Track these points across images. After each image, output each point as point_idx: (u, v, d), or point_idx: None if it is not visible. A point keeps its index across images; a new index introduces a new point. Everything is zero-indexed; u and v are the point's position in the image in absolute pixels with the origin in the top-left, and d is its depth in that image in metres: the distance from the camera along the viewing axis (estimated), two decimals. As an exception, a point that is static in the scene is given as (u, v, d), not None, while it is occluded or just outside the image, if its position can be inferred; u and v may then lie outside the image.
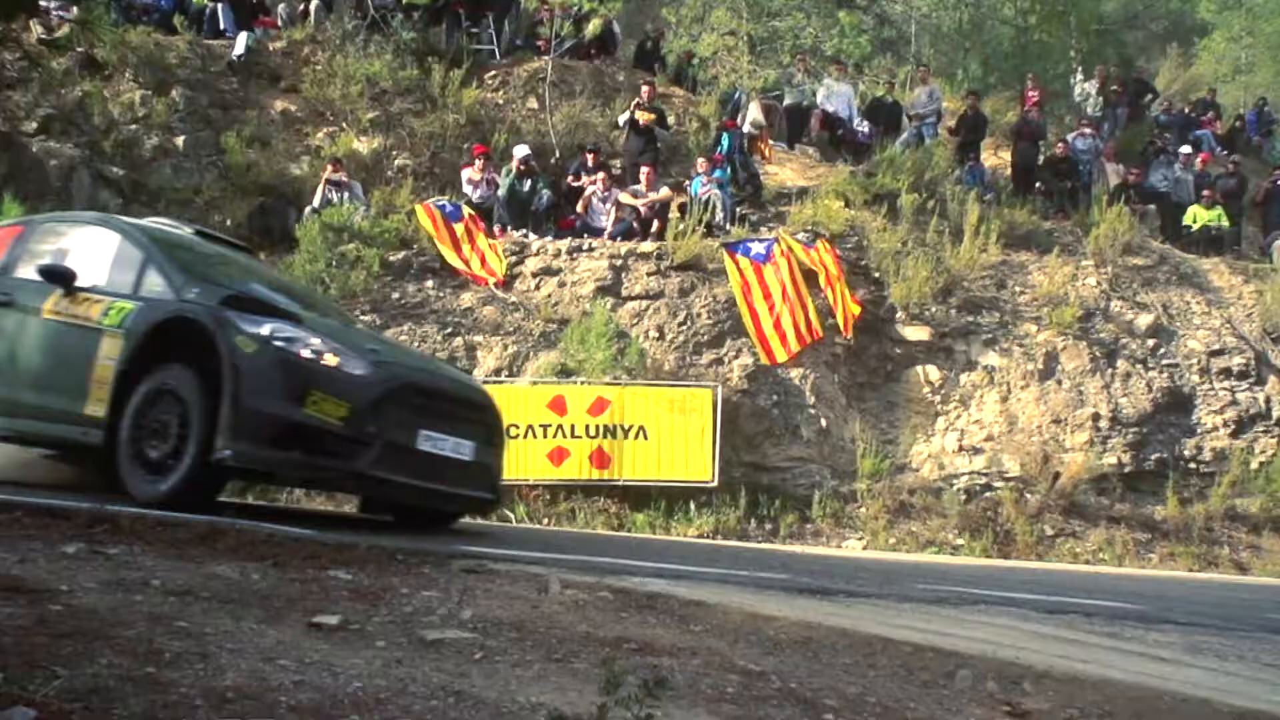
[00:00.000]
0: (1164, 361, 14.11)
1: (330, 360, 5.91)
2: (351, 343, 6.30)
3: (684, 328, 12.87)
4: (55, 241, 7.36)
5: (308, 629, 3.45)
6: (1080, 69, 21.71)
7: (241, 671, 2.81)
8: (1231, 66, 26.21)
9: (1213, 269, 15.78)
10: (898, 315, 13.71)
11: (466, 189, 14.11)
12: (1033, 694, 4.01)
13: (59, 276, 6.72)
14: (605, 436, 11.74)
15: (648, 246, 13.51)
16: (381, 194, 13.85)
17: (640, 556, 6.23)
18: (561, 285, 13.06)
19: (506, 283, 13.03)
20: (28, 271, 7.02)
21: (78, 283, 6.66)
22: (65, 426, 6.38)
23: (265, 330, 5.85)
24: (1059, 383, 13.61)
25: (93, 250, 7.03)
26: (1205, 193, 16.81)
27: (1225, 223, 16.64)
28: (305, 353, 5.87)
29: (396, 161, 14.78)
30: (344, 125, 14.98)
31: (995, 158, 17.90)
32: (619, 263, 13.23)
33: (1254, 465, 13.43)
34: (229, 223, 13.02)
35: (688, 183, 14.74)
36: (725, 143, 15.27)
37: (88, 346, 6.34)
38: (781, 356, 12.75)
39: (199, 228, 8.35)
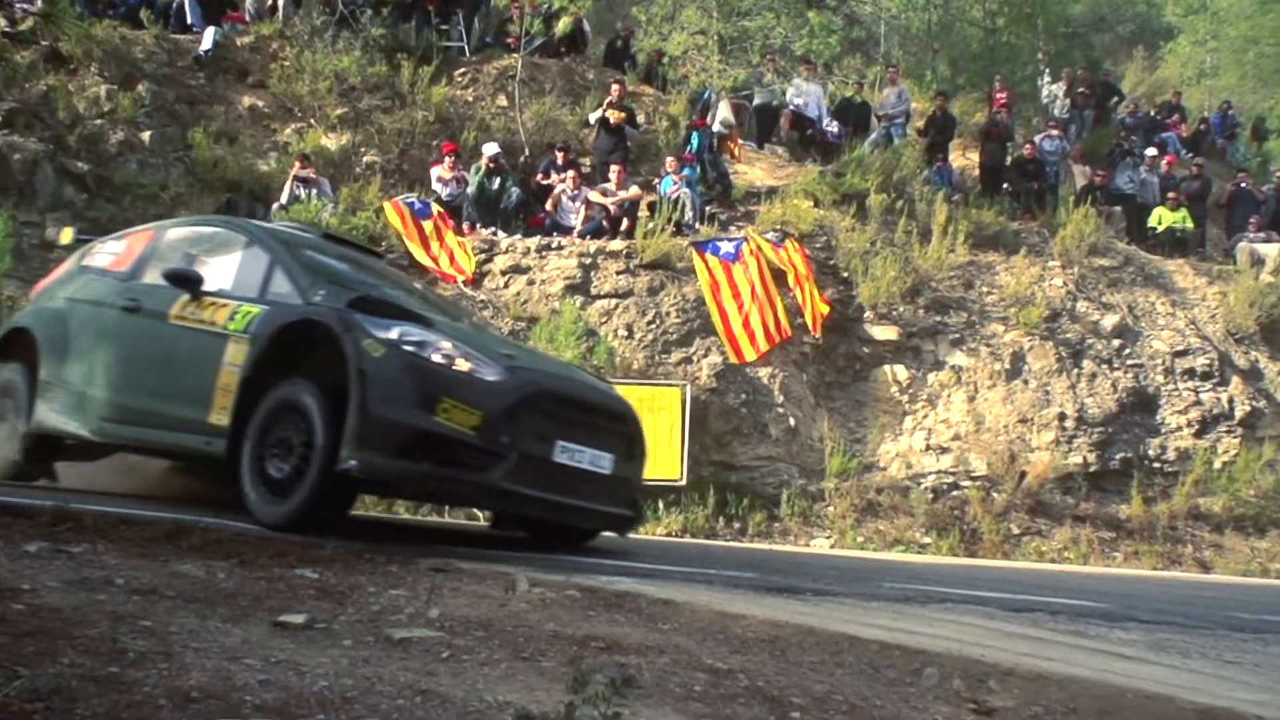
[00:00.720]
0: (1129, 362, 14.22)
1: (462, 365, 5.60)
2: (484, 347, 5.96)
3: (653, 326, 12.87)
4: (183, 246, 7.24)
5: (274, 628, 3.43)
6: (1048, 71, 21.85)
7: (206, 671, 2.79)
8: (1197, 70, 26.42)
9: (1177, 270, 15.93)
10: (866, 315, 13.76)
11: (436, 186, 14.07)
12: (998, 691, 4.04)
13: (185, 281, 6.55)
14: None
15: (617, 245, 13.51)
16: (350, 191, 13.79)
17: (609, 555, 6.23)
18: (530, 283, 13.04)
19: (475, 280, 12.99)
20: (156, 277, 6.89)
21: (204, 287, 6.49)
22: (189, 436, 6.18)
23: (394, 334, 5.57)
24: (1025, 382, 13.70)
25: (220, 254, 6.90)
26: (1170, 195, 16.98)
27: (1190, 225, 16.80)
28: (436, 357, 5.56)
29: (365, 158, 14.71)
30: (312, 121, 14.91)
31: (963, 158, 18.00)
32: (588, 261, 13.22)
33: (1217, 465, 13.56)
34: (195, 219, 12.93)
35: (657, 181, 14.74)
36: (695, 142, 15.30)
37: (213, 352, 6.15)
38: (750, 355, 12.77)
39: (326, 229, 8.27)
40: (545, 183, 14.46)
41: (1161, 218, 16.74)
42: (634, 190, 14.29)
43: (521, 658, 3.45)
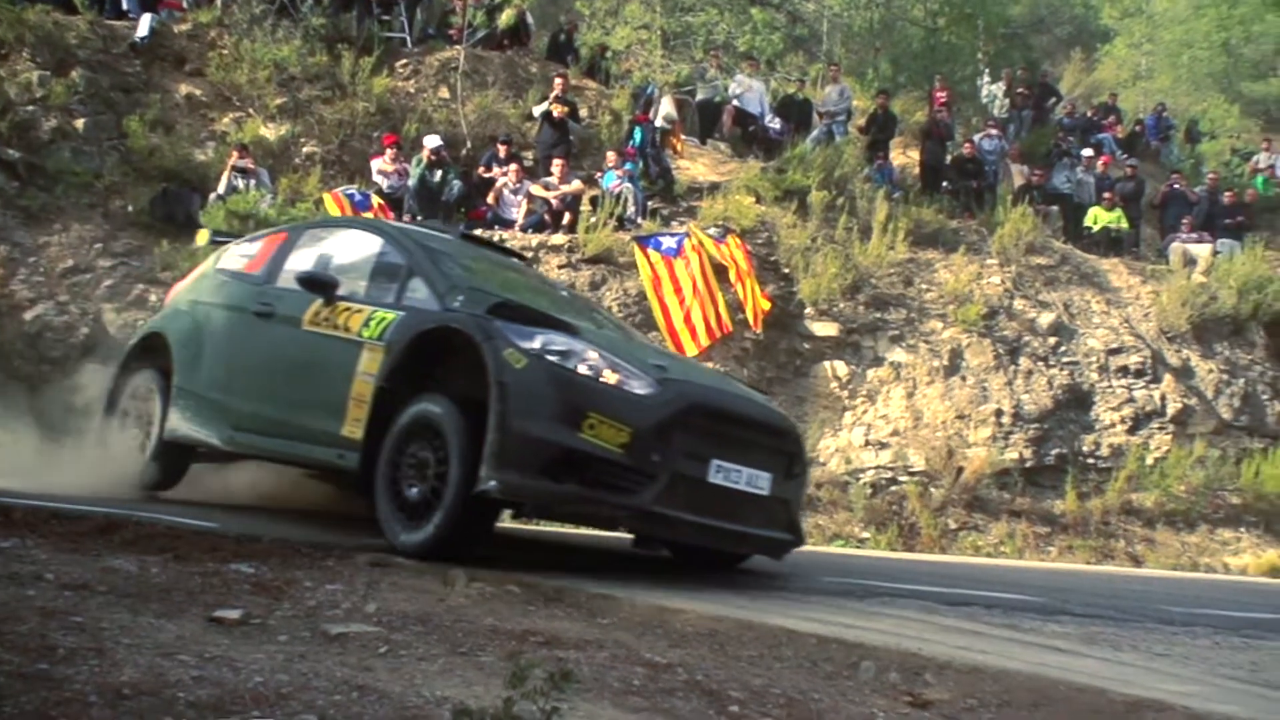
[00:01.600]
0: (1064, 359, 14.42)
1: (609, 378, 5.24)
2: (633, 358, 5.56)
3: (595, 321, 12.85)
4: (318, 248, 7.00)
5: (208, 624, 3.39)
6: (987, 71, 22.10)
7: (139, 667, 2.75)
8: (1132, 72, 26.85)
9: (1112, 269, 16.17)
10: (807, 311, 13.84)
11: (377, 178, 13.96)
12: (934, 685, 4.08)
13: (319, 285, 6.30)
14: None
15: (559, 239, 13.49)
16: (289, 181, 13.65)
17: (549, 550, 6.22)
18: (472, 277, 12.96)
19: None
20: (290, 280, 6.65)
21: (338, 291, 6.23)
22: (321, 449, 5.95)
23: (536, 343, 5.23)
24: (963, 379, 13.85)
25: (355, 256, 6.68)
26: (1106, 195, 17.24)
27: (1124, 225, 17.06)
28: (581, 369, 5.23)
29: (305, 149, 14.57)
30: (251, 111, 14.73)
31: (904, 157, 18.14)
32: (530, 255, 13.18)
33: (1149, 461, 13.79)
34: (130, 208, 12.74)
35: (599, 176, 14.73)
36: (637, 137, 15.30)
37: (347, 360, 5.89)
38: (691, 350, 12.80)
39: (464, 230, 8.01)
40: (487, 176, 14.40)
41: (1097, 217, 16.99)
42: (576, 184, 14.27)
43: (460, 653, 3.44)
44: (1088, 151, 18.49)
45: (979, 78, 21.98)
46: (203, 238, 9.34)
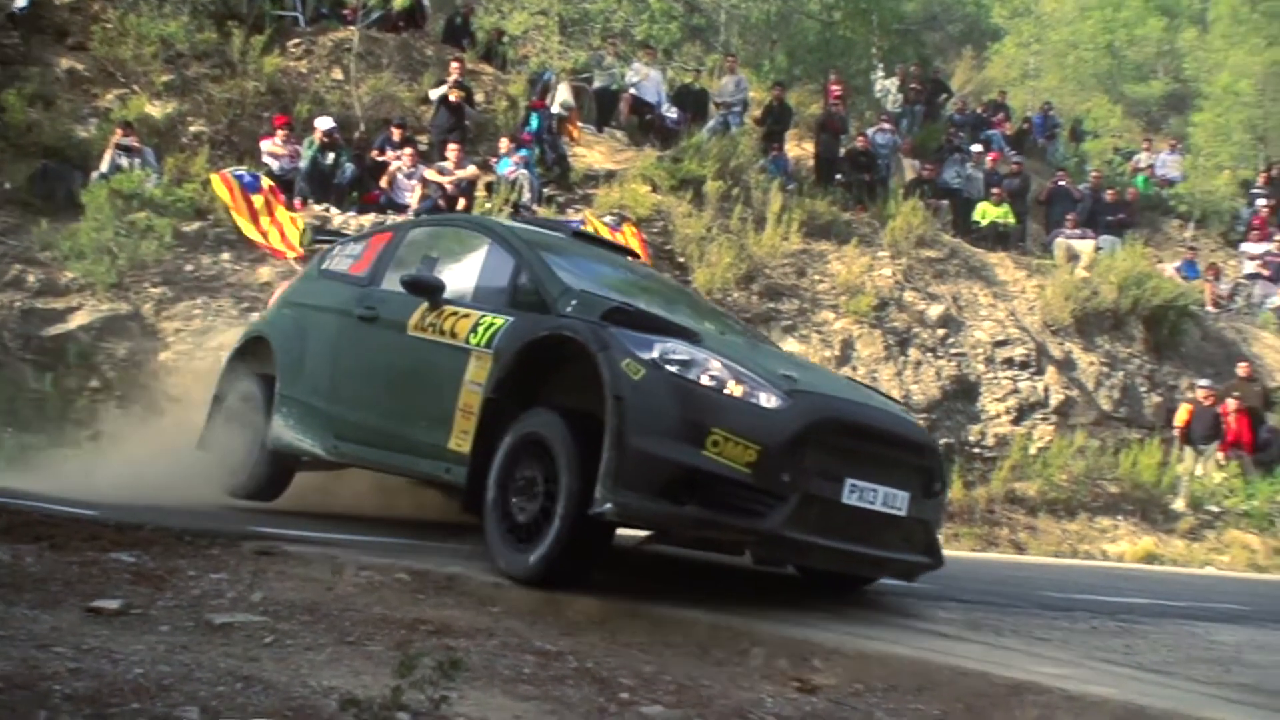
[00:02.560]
0: (952, 351, 14.71)
1: (734, 389, 4.86)
2: (760, 367, 5.17)
3: (489, 308, 12.77)
4: (424, 248, 6.69)
5: (86, 614, 3.30)
6: (881, 66, 22.38)
7: (12, 660, 2.67)
8: (1021, 71, 27.44)
9: (999, 263, 16.53)
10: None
11: (266, 160, 13.68)
12: (822, 670, 4.13)
13: (424, 288, 5.99)
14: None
15: (454, 225, 13.35)
16: (175, 161, 13.29)
17: (441, 537, 6.16)
18: (364, 261, 12.79)
19: (306, 257, 12.67)
20: (394, 283, 6.35)
21: (445, 295, 5.93)
22: (428, 461, 5.69)
23: (655, 352, 4.89)
24: (854, 369, 14.03)
25: (463, 257, 6.35)
26: (994, 191, 17.62)
27: (1011, 220, 17.47)
28: (704, 380, 4.86)
29: (192, 128, 14.21)
30: (136, 88, 14.32)
31: (798, 149, 18.31)
32: (424, 240, 13.04)
33: (1032, 450, 14.13)
34: (7, 185, 12.32)
35: (495, 162, 14.63)
36: (534, 123, 15.22)
37: (453, 369, 5.60)
38: (586, 338, 12.77)
39: (576, 228, 7.63)
40: (380, 159, 14.20)
41: (985, 213, 17.35)
42: (471, 170, 14.16)
43: (348, 642, 3.40)
44: (977, 147, 18.86)
45: (873, 72, 22.27)
46: (304, 237, 9.08)
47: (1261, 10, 26.19)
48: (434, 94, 15.23)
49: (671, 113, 17.38)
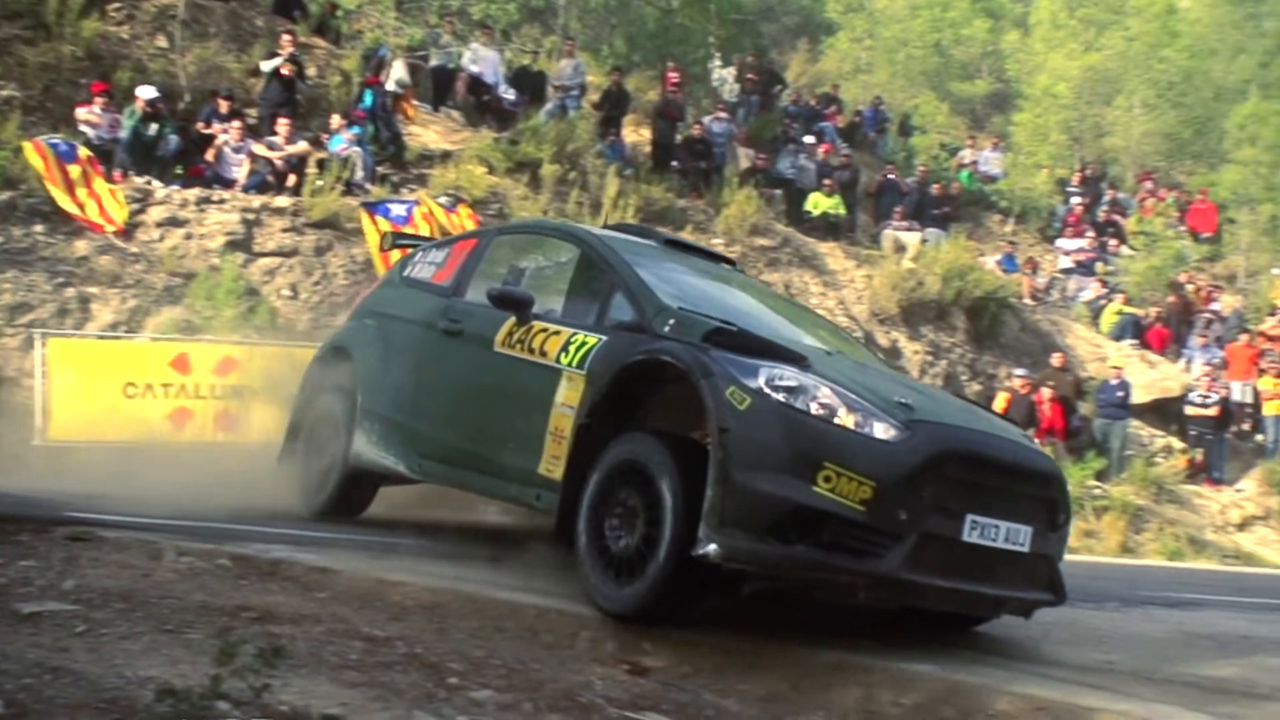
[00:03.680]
0: (782, 338, 14.97)
1: (847, 419, 4.54)
2: (873, 393, 4.81)
3: (319, 287, 12.53)
4: (511, 257, 6.27)
5: (-121, 604, 3.13)
6: (719, 56, 22.62)
7: None
8: (853, 66, 28.06)
9: (830, 253, 16.92)
10: (537, 283, 13.87)
11: (83, 128, 13.11)
12: (651, 653, 4.18)
13: (512, 303, 5.61)
14: (233, 398, 11.25)
15: (283, 201, 13.04)
16: (-16, 127, 12.66)
17: (266, 522, 6.01)
18: (188, 237, 12.40)
19: (126, 231, 12.21)
20: (479, 294, 5.94)
21: (533, 309, 5.59)
22: (516, 486, 5.37)
23: (761, 379, 4.58)
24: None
25: (551, 268, 5.99)
26: (826, 182, 18.01)
27: (842, 211, 17.89)
28: (814, 408, 4.55)
29: (3, 92, 13.53)
30: (-59, 48, 13.58)
31: (636, 134, 18.39)
32: (252, 217, 12.71)
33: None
34: None
35: (326, 138, 14.33)
36: (368, 99, 14.93)
37: (543, 389, 5.30)
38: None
39: (669, 235, 7.02)
40: (207, 132, 13.74)
41: (817, 203, 17.72)
42: (302, 145, 13.82)
43: (166, 630, 3.30)
44: (810, 139, 19.24)
45: (710, 61, 22.49)
46: (385, 241, 8.62)
47: (1079, 17, 27.34)
48: (265, 66, 14.79)
49: (509, 94, 17.26)
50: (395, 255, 8.45)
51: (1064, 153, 24.37)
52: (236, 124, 13.59)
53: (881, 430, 4.54)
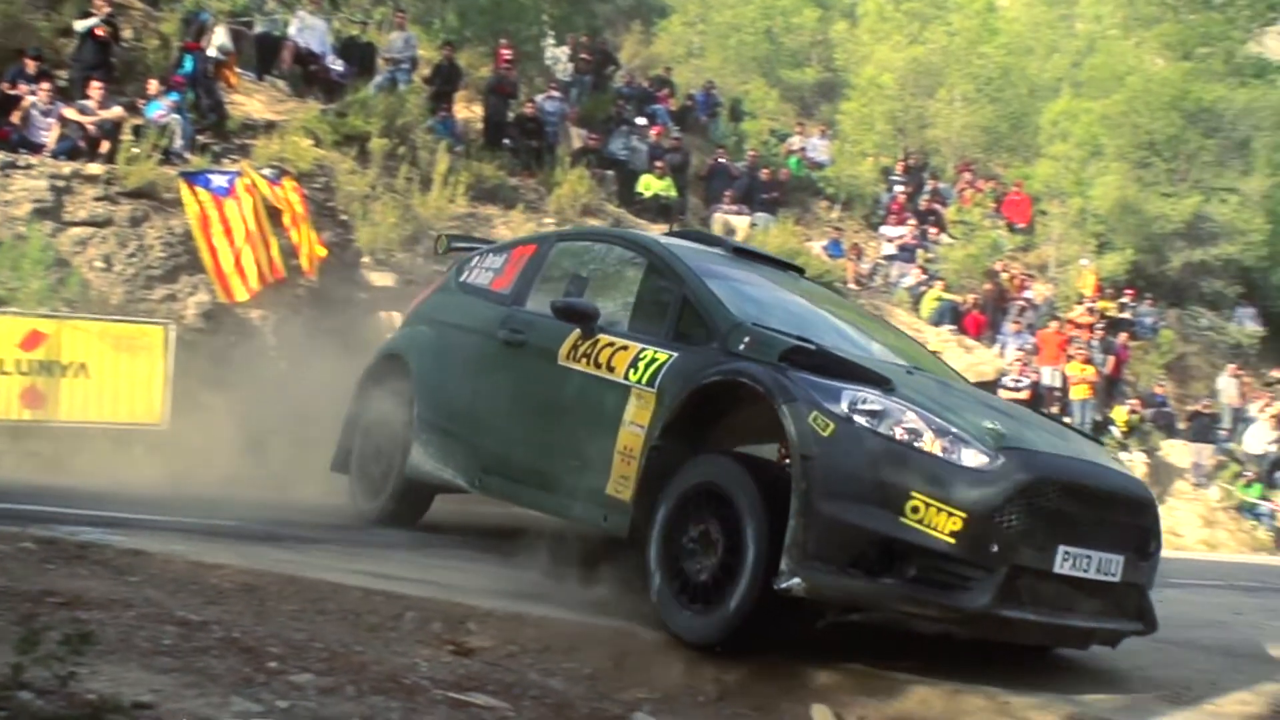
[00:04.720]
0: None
1: (933, 446, 4.38)
2: (961, 415, 4.64)
3: (134, 260, 12.04)
4: (573, 265, 5.92)
5: None
6: (552, 34, 22.51)
7: None
8: (686, 49, 28.26)
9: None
10: (364, 260, 13.62)
11: (-125, 85, 12.34)
12: (477, 633, 4.16)
13: (577, 315, 5.33)
14: (40, 374, 10.75)
15: (95, 168, 12.48)
16: None
17: (75, 504, 5.77)
18: (-9, 203, 11.80)
19: (-74, 197, 11.56)
20: (541, 304, 5.64)
21: (599, 322, 5.29)
22: (582, 505, 5.12)
23: (844, 403, 4.42)
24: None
25: (617, 278, 5.64)
26: (657, 164, 18.14)
27: (673, 193, 18.04)
28: (899, 433, 4.39)
29: None
30: None
31: (467, 111, 18.18)
32: (61, 184, 12.12)
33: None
34: None
35: (143, 104, 13.77)
36: (188, 65, 14.38)
37: (611, 407, 5.11)
38: (242, 295, 12.28)
39: (737, 243, 6.62)
40: (12, 93, 13.06)
41: (648, 185, 17.85)
42: (117, 110, 13.23)
43: (-38, 617, 3.13)
44: (642, 120, 19.34)
45: (543, 40, 22.37)
46: (441, 243, 8.11)
47: (904, 10, 28.06)
48: (79, 26, 14.11)
49: (337, 65, 16.86)
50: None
51: (888, 142, 24.99)
52: (45, 86, 12.95)
53: (971, 458, 4.41)
